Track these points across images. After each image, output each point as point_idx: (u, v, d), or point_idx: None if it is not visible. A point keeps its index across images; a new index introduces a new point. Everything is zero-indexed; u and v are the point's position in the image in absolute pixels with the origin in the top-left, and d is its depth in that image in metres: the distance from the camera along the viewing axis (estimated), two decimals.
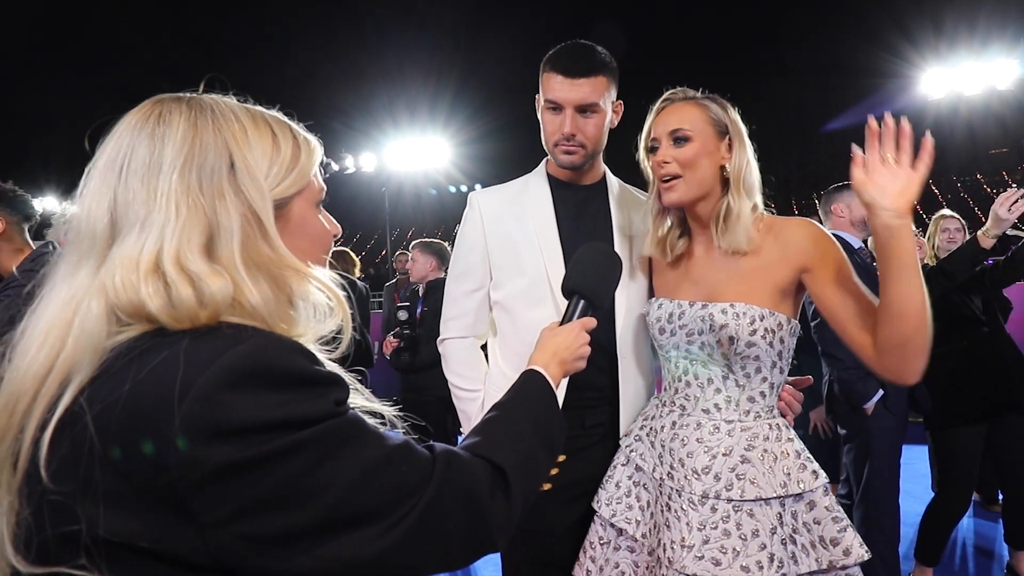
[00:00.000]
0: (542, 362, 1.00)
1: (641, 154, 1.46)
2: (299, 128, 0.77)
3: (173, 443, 0.54)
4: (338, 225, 0.84)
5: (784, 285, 1.33)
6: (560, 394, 1.51)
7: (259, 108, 0.75)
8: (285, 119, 0.76)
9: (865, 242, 2.93)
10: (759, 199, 1.39)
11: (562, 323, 1.11)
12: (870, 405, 2.57)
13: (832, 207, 2.90)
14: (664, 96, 1.43)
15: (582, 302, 1.13)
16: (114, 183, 0.65)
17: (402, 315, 3.68)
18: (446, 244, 4.04)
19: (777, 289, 1.33)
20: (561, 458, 0.97)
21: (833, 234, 2.86)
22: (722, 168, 1.37)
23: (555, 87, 1.49)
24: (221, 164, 0.66)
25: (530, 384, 0.95)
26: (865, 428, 2.61)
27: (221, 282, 0.62)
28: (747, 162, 1.36)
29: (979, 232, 2.70)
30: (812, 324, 2.59)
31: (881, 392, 2.57)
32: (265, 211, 0.68)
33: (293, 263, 0.69)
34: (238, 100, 0.74)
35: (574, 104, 1.48)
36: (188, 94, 0.72)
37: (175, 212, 0.63)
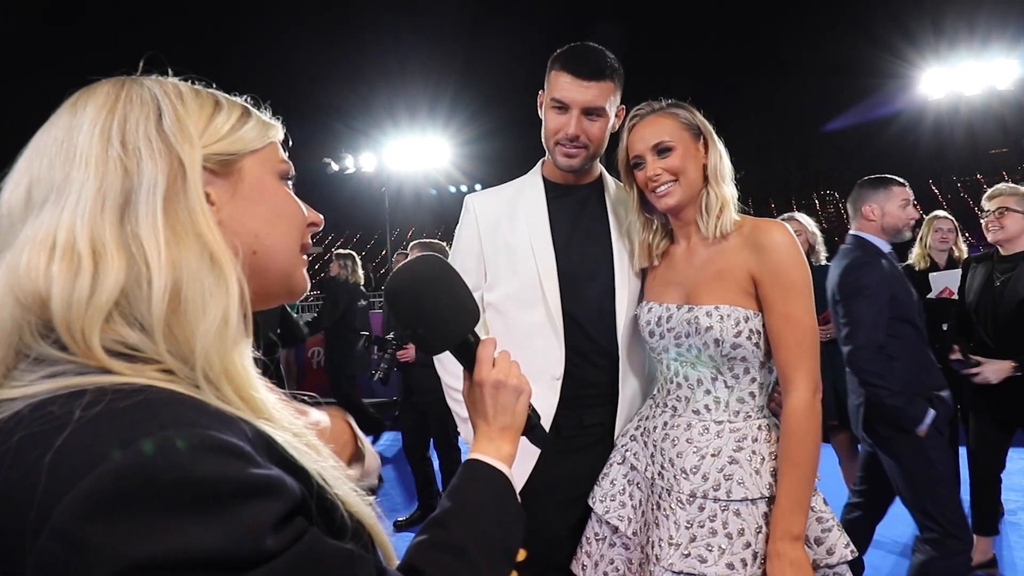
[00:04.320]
0: (483, 443, 0.82)
1: (621, 172, 1.51)
2: (258, 111, 0.68)
3: None
4: (319, 215, 0.73)
5: (746, 287, 1.36)
6: (555, 393, 1.51)
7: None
8: (245, 103, 0.67)
9: (893, 246, 2.59)
10: (733, 188, 1.45)
11: (468, 372, 0.87)
12: (923, 428, 2.24)
13: (863, 208, 2.48)
14: (632, 113, 1.48)
15: (467, 339, 0.87)
16: (30, 160, 0.56)
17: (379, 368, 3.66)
18: (444, 244, 4.04)
19: (743, 289, 1.36)
20: (521, 555, 0.79)
21: (855, 235, 2.48)
22: (704, 167, 1.42)
23: (563, 87, 1.49)
24: (148, 114, 0.57)
25: (471, 487, 0.77)
26: (919, 452, 2.28)
27: (117, 267, 0.51)
28: (720, 156, 1.43)
29: None
30: (844, 349, 2.33)
31: (932, 413, 2.25)
32: (191, 161, 0.57)
33: (203, 227, 0.56)
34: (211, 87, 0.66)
35: (581, 106, 1.49)
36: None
37: (94, 172, 0.53)
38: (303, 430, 0.61)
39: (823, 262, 3.48)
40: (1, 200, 0.55)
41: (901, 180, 2.50)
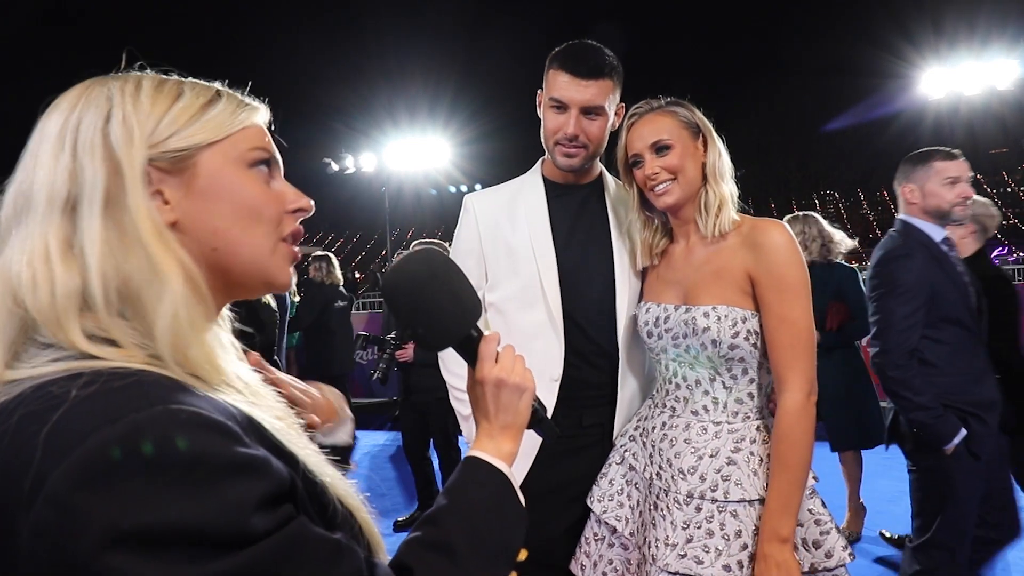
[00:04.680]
0: (483, 441, 0.81)
1: (620, 171, 1.51)
2: (239, 94, 0.65)
3: (24, 557, 0.43)
4: (305, 198, 0.68)
5: (744, 286, 1.36)
6: (553, 393, 1.52)
7: (194, 79, 0.64)
8: (224, 88, 0.65)
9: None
10: (733, 186, 1.44)
11: (471, 368, 0.85)
12: (950, 447, 2.03)
13: (901, 189, 2.22)
14: (631, 112, 1.48)
15: (471, 332, 0.84)
16: (17, 170, 0.58)
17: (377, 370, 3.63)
18: (446, 244, 4.04)
19: (741, 289, 1.36)
20: (522, 555, 0.75)
21: (901, 220, 2.22)
22: (702, 164, 1.42)
23: (561, 86, 1.49)
24: (99, 118, 0.56)
25: (468, 484, 0.76)
26: (943, 468, 2.07)
27: (63, 272, 0.53)
28: (719, 154, 1.43)
29: None
30: (872, 350, 2.14)
31: (964, 432, 2.03)
32: (131, 164, 0.55)
33: (142, 230, 0.55)
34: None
35: (580, 105, 1.48)
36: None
37: (45, 180, 0.55)
38: (288, 413, 0.62)
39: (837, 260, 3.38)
40: (3, 205, 0.58)
41: (951, 152, 2.17)
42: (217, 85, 0.64)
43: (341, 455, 0.72)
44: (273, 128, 0.68)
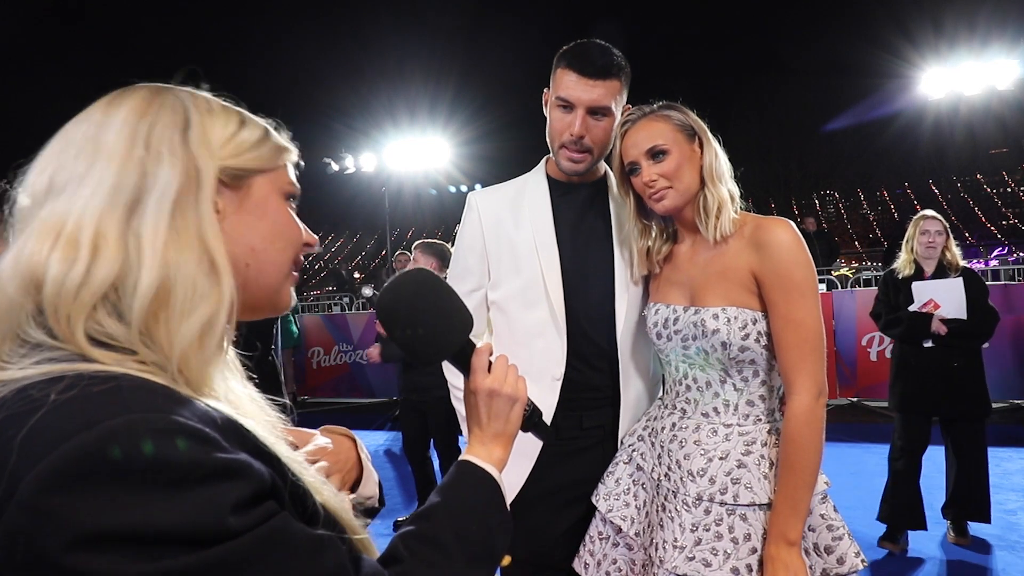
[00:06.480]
0: (475, 446, 0.85)
1: (616, 179, 1.49)
2: (279, 133, 0.72)
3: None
4: (314, 236, 0.75)
5: (750, 286, 1.34)
6: (554, 393, 1.51)
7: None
8: (270, 127, 0.71)
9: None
10: (733, 186, 1.42)
11: (466, 378, 0.89)
12: None
13: None
14: (623, 119, 1.46)
15: (465, 344, 0.88)
16: (58, 149, 0.58)
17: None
18: (447, 245, 4.04)
19: (747, 289, 1.34)
20: (505, 560, 0.74)
21: None
22: (700, 167, 1.40)
23: (569, 86, 1.47)
24: (176, 122, 0.60)
25: (459, 485, 0.79)
26: None
27: (111, 260, 0.53)
28: (716, 155, 1.40)
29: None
30: None
31: None
32: (207, 171, 0.59)
33: (208, 233, 0.58)
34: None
35: (586, 105, 1.47)
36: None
37: (115, 168, 0.56)
38: (277, 423, 0.64)
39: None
40: (26, 183, 0.58)
41: None
42: (265, 123, 0.70)
43: (369, 512, 0.77)
44: (299, 167, 0.75)
